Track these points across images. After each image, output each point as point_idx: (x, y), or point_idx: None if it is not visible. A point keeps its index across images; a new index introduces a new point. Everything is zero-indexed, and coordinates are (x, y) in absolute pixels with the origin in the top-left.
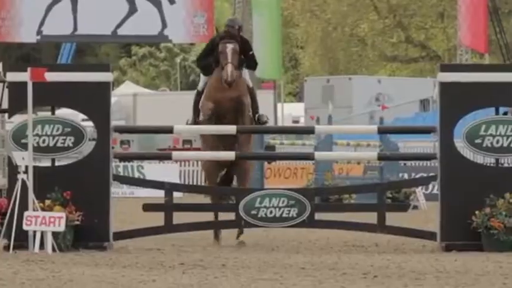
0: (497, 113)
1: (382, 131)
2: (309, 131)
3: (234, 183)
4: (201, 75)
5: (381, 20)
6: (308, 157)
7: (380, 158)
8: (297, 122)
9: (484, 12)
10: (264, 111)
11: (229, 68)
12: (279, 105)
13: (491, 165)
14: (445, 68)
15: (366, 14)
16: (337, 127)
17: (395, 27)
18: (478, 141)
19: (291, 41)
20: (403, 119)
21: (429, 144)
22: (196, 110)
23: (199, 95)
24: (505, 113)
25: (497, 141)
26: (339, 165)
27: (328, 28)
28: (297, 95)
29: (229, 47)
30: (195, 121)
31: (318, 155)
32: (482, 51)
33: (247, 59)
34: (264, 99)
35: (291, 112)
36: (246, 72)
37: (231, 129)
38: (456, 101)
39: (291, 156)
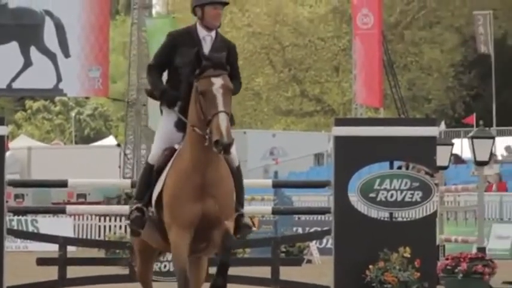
0: (391, 167)
1: (277, 185)
2: None
3: None
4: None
5: (276, 74)
6: None
7: (274, 212)
8: None
9: (378, 67)
10: None
11: (224, 121)
12: None
13: (385, 219)
14: (340, 122)
15: (262, 68)
16: None
17: (291, 81)
18: (372, 195)
19: None
20: (297, 173)
21: (324, 198)
22: (143, 191)
23: (150, 170)
24: (400, 167)
25: (391, 196)
26: None
27: None
28: None
29: (218, 84)
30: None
31: None
32: (377, 106)
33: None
34: None
35: None
36: None
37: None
38: (351, 155)
39: None
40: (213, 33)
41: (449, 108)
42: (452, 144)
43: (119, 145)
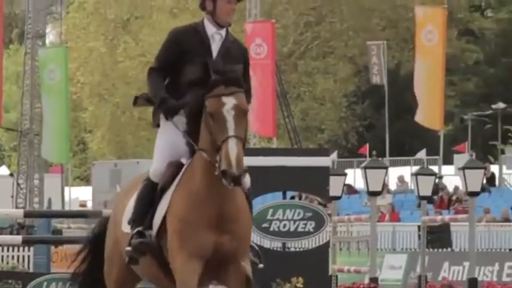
0: (284, 197)
1: None
2: (96, 214)
3: None
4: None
5: None
6: None
7: None
8: (84, 205)
9: (272, 97)
10: (51, 195)
11: (234, 148)
12: (66, 189)
13: (278, 249)
14: None
15: None
16: None
17: None
18: (265, 225)
19: (79, 125)
20: None
21: None
22: (143, 212)
23: (153, 188)
24: (293, 197)
25: (284, 226)
26: None
27: (117, 112)
28: (85, 179)
29: (230, 104)
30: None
31: None
32: (270, 136)
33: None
34: (52, 183)
35: (79, 196)
36: None
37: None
38: None
39: (78, 240)
40: (223, 32)
41: (342, 138)
42: (345, 175)
43: (11, 175)
